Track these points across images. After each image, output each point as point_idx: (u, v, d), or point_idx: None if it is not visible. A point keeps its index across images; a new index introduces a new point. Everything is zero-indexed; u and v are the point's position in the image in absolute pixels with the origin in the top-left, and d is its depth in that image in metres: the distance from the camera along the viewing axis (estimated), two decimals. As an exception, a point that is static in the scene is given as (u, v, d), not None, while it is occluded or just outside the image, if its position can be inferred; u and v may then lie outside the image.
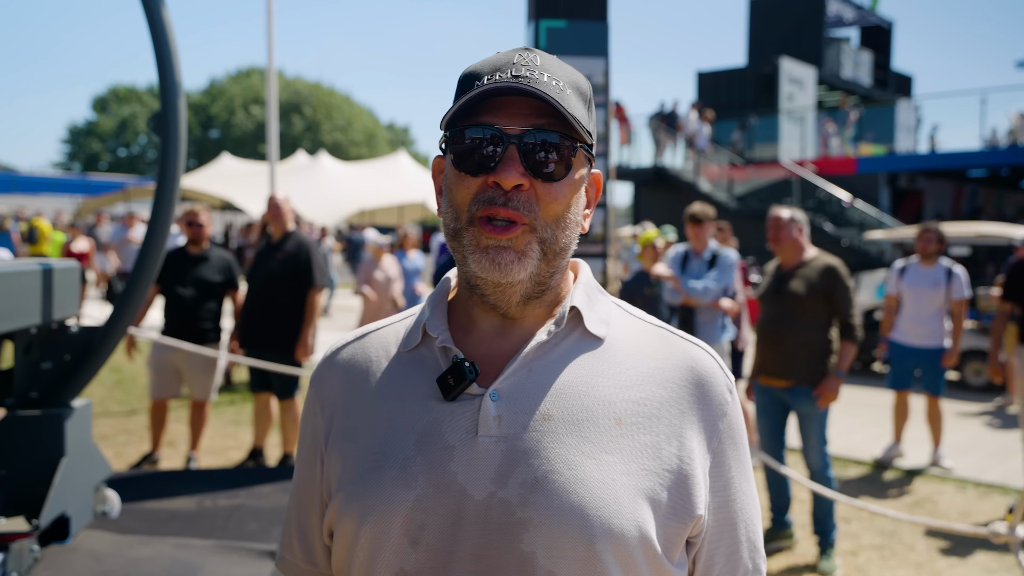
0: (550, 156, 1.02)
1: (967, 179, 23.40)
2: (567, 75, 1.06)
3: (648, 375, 1.06)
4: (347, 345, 1.17)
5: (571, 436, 1.00)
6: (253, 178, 17.12)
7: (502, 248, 1.01)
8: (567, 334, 1.07)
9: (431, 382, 1.05)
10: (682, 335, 1.13)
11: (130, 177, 46.28)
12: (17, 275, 2.45)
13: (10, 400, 2.70)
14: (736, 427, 1.09)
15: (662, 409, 1.04)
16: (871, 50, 28.61)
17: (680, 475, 1.01)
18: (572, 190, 1.05)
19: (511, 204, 1.00)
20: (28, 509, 2.50)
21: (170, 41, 2.81)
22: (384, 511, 0.99)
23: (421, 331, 1.10)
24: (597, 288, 1.14)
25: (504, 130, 1.01)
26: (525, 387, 1.02)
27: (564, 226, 1.05)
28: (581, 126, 1.02)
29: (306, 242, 5.93)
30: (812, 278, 4.57)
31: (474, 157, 1.02)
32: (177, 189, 2.86)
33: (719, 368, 1.10)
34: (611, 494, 0.97)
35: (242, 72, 60.16)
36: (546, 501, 0.96)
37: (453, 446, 1.00)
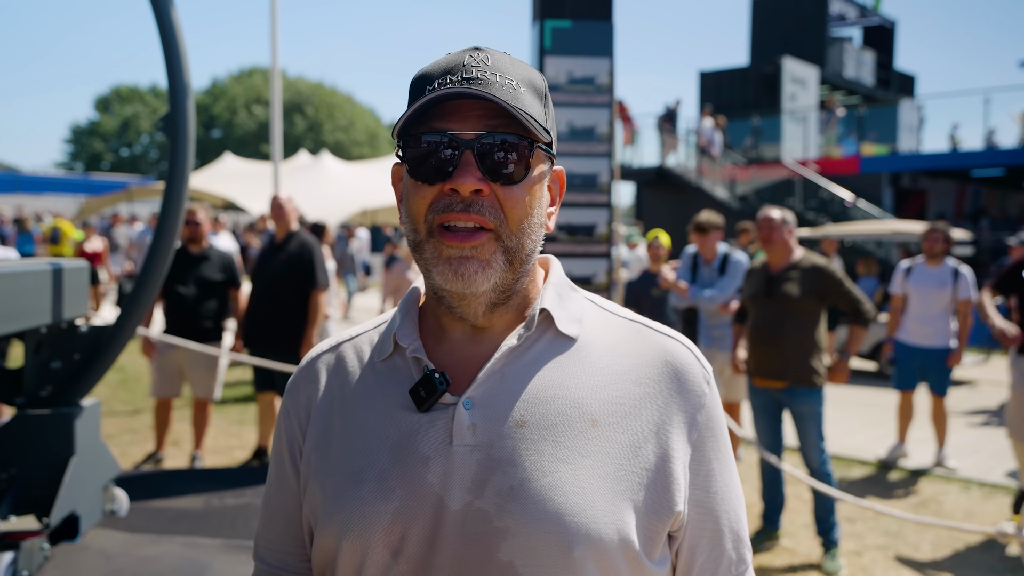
0: (508, 158, 0.99)
1: (970, 179, 23.37)
2: (520, 73, 1.03)
3: (623, 373, 1.05)
4: (323, 354, 1.16)
5: (546, 442, 0.98)
6: (255, 178, 17.12)
7: (465, 258, 0.99)
8: (539, 336, 1.06)
9: (405, 393, 1.04)
10: (657, 328, 1.11)
11: (132, 177, 46.29)
12: (27, 275, 2.46)
13: (20, 399, 2.71)
14: (715, 418, 1.08)
15: (638, 407, 1.03)
16: (874, 50, 28.58)
17: (659, 472, 1.00)
18: (533, 191, 1.03)
19: (473, 208, 0.98)
20: (38, 508, 2.51)
21: (179, 42, 2.82)
22: (363, 525, 0.99)
23: (392, 340, 1.09)
24: (568, 285, 1.13)
25: (458, 135, 0.98)
26: (498, 394, 1.01)
27: (529, 231, 1.03)
28: (537, 124, 1.00)
29: (309, 242, 5.94)
30: (804, 279, 4.59)
31: (429, 164, 0.99)
32: (186, 190, 2.87)
33: (695, 360, 1.09)
34: (587, 499, 0.96)
35: (244, 72, 60.18)
36: (522, 509, 0.95)
37: (429, 456, 0.99)
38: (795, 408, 4.60)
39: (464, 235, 0.98)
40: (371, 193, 17.89)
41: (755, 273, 4.85)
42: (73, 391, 2.75)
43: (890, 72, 29.42)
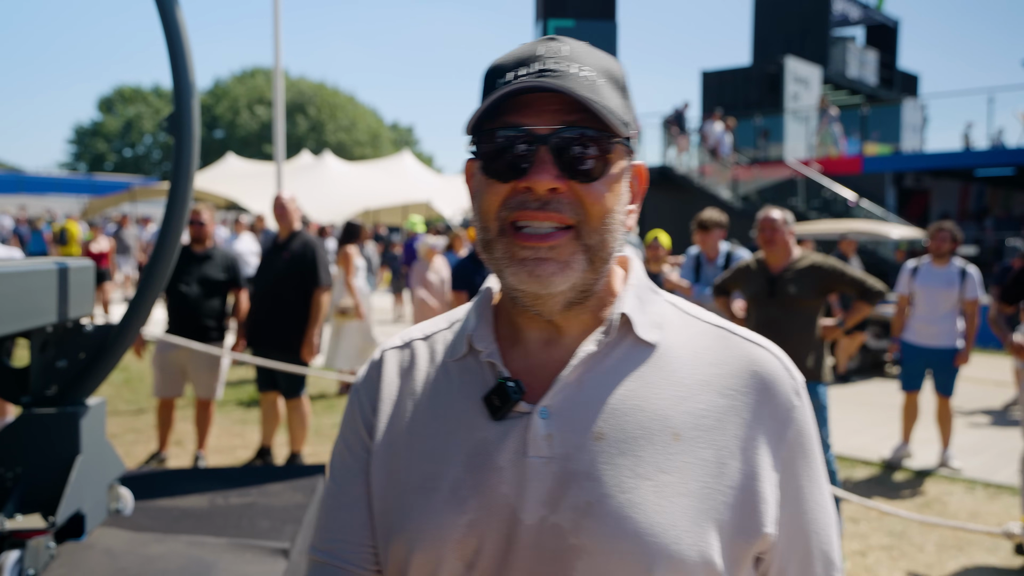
0: (586, 153, 0.93)
1: (974, 179, 23.35)
2: (599, 63, 0.98)
3: (707, 383, 0.98)
4: (394, 349, 1.12)
5: (625, 456, 0.93)
6: (258, 178, 17.17)
7: (541, 259, 0.93)
8: (617, 342, 1.00)
9: (478, 397, 1.00)
10: (744, 334, 1.04)
11: (136, 177, 46.36)
12: (33, 274, 2.46)
13: (26, 398, 2.72)
14: (805, 433, 1.01)
15: (723, 420, 0.96)
16: (877, 49, 28.57)
17: (746, 491, 0.94)
18: (613, 187, 0.97)
19: (551, 207, 0.93)
20: (44, 506, 2.51)
21: (184, 42, 2.82)
22: (436, 537, 0.95)
23: (466, 343, 1.04)
24: (649, 287, 1.07)
25: (533, 130, 0.93)
26: (575, 403, 0.96)
27: (610, 229, 0.97)
28: (617, 118, 0.94)
29: (312, 242, 5.95)
30: (806, 278, 4.62)
31: (502, 161, 0.94)
32: (191, 190, 2.87)
33: (784, 370, 1.02)
34: (669, 518, 0.91)
35: (246, 72, 60.29)
36: (599, 527, 0.90)
37: (503, 467, 0.95)
38: None
39: (541, 236, 0.93)
40: (373, 193, 17.93)
41: (753, 273, 4.85)
42: (79, 390, 2.75)
43: (893, 71, 29.41)
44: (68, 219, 18.84)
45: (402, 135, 68.43)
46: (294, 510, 3.23)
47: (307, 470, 3.86)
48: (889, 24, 29.48)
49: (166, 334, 5.82)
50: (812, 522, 1.01)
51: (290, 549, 2.84)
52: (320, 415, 7.78)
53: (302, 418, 5.96)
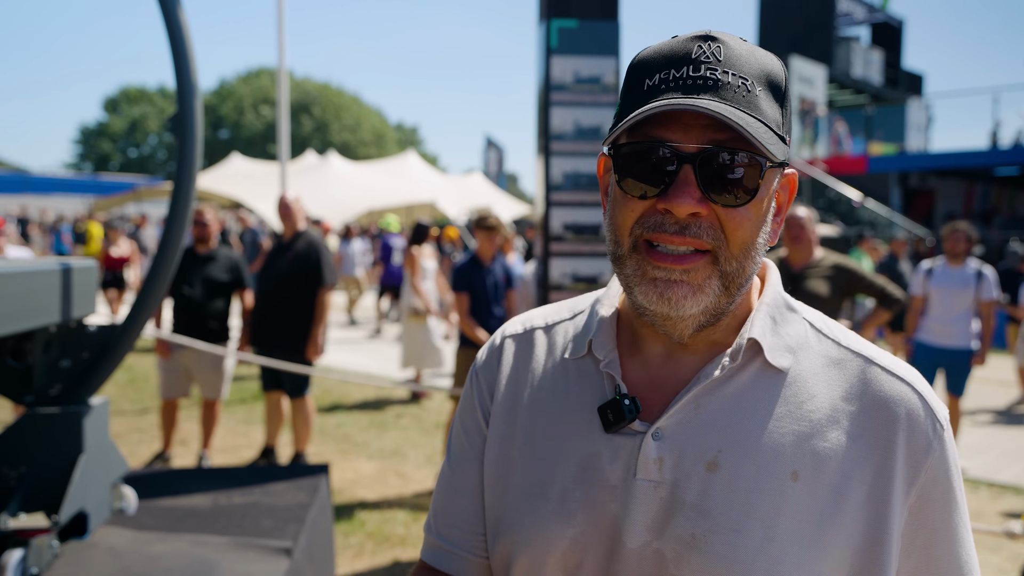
0: (734, 177, 0.86)
1: (979, 178, 23.29)
2: (757, 67, 0.88)
3: (835, 420, 0.91)
4: (514, 337, 1.10)
5: (737, 492, 0.88)
6: (263, 178, 17.17)
7: (673, 282, 0.88)
8: (743, 366, 0.94)
9: (594, 406, 0.96)
10: (887, 366, 0.94)
11: (141, 177, 46.49)
12: (36, 274, 2.48)
13: (29, 398, 2.73)
14: (943, 476, 0.91)
15: (850, 462, 0.89)
16: (881, 49, 28.50)
17: (866, 540, 0.88)
18: (761, 212, 0.90)
19: (689, 232, 0.86)
20: (47, 505, 2.52)
21: (187, 42, 2.83)
22: (541, 545, 0.94)
23: (587, 345, 1.00)
24: (785, 305, 0.99)
25: (678, 147, 0.85)
26: (691, 428, 0.91)
27: (752, 254, 0.90)
28: (774, 134, 0.86)
29: (316, 241, 5.97)
30: (828, 278, 4.63)
31: (642, 176, 0.88)
32: (194, 190, 2.88)
33: (925, 408, 0.92)
34: (776, 565, 0.86)
35: (251, 73, 60.36)
36: (702, 563, 0.87)
37: (614, 486, 0.92)
38: None
39: (676, 257, 0.87)
40: (377, 193, 17.93)
41: None
42: (82, 389, 2.77)
43: (898, 71, 29.33)
44: (90, 220, 18.92)
45: (407, 135, 68.48)
46: (297, 509, 3.24)
47: (310, 470, 3.86)
48: (894, 24, 29.40)
49: (171, 335, 5.84)
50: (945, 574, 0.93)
51: (293, 548, 2.85)
52: (324, 415, 7.80)
53: (306, 418, 5.98)
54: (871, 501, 0.89)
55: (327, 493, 3.75)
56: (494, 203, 20.84)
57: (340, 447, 6.80)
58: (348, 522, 5.06)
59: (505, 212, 19.89)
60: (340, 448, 6.77)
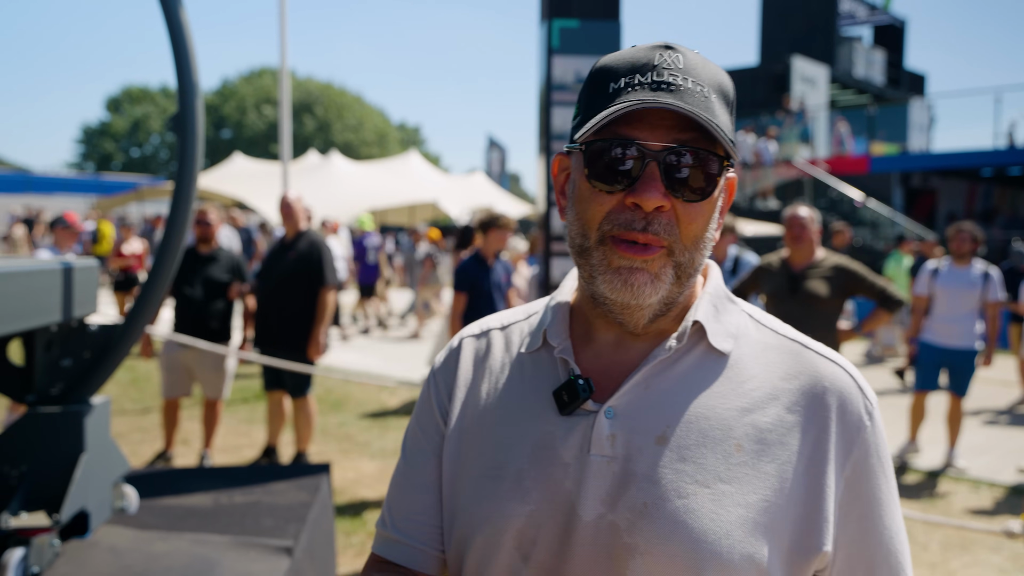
0: (695, 174, 0.94)
1: (981, 178, 23.27)
2: (711, 77, 0.96)
3: (775, 396, 0.98)
4: (472, 337, 1.15)
5: (686, 462, 0.94)
6: (265, 178, 17.19)
7: (636, 269, 0.95)
8: (689, 349, 1.01)
9: (548, 391, 1.02)
10: (819, 349, 1.04)
11: (143, 177, 46.54)
12: (37, 273, 2.48)
13: (31, 397, 2.73)
14: (874, 453, 0.99)
15: (788, 435, 0.96)
16: (884, 48, 28.50)
17: (806, 508, 0.94)
18: (712, 207, 0.98)
19: (651, 228, 0.94)
20: (49, 504, 2.52)
21: (188, 42, 2.84)
22: (497, 523, 0.98)
23: (542, 337, 1.07)
24: (726, 296, 1.07)
25: (645, 145, 0.92)
26: (641, 406, 0.98)
27: (702, 248, 0.98)
28: (727, 139, 0.93)
29: (318, 241, 5.97)
30: (829, 279, 4.62)
31: (611, 172, 0.94)
32: (195, 189, 2.89)
33: (856, 388, 1.01)
34: (723, 527, 0.92)
35: (254, 72, 60.40)
36: (654, 528, 0.92)
37: (568, 463, 0.97)
38: None
39: (639, 248, 0.94)
40: (380, 193, 17.95)
41: (774, 271, 4.85)
42: (83, 389, 2.77)
43: (900, 71, 29.32)
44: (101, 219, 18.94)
45: (409, 135, 68.47)
46: (298, 508, 3.24)
47: (312, 469, 3.87)
48: (896, 24, 29.39)
49: (173, 334, 5.84)
50: (879, 546, 0.99)
51: (294, 547, 2.85)
52: (326, 414, 7.80)
53: (308, 417, 5.98)
54: (809, 471, 0.95)
55: (328, 492, 3.75)
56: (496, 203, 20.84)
57: (342, 446, 6.80)
58: (349, 521, 5.07)
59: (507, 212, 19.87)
60: (342, 447, 6.78)
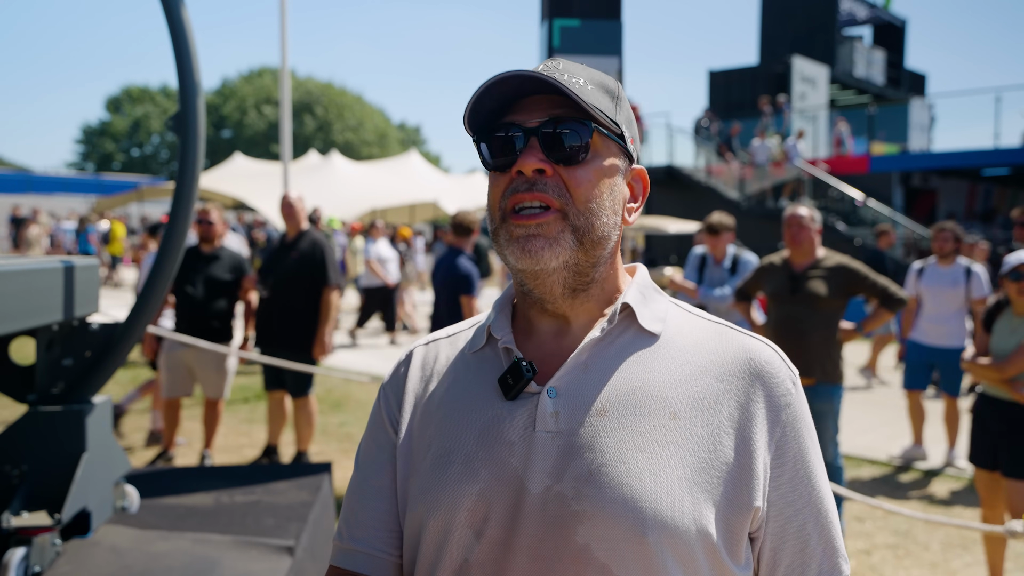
0: (569, 139, 1.03)
1: (981, 178, 23.26)
2: (591, 75, 1.08)
3: (705, 369, 1.06)
4: (421, 347, 1.22)
5: (625, 431, 1.00)
6: (265, 178, 17.18)
7: (532, 235, 1.02)
8: (622, 331, 1.08)
9: (494, 381, 1.08)
10: (742, 331, 1.12)
11: (143, 177, 46.57)
12: (39, 272, 2.48)
13: (32, 396, 2.73)
14: (800, 419, 1.07)
15: (719, 402, 1.03)
16: (884, 48, 28.48)
17: (738, 467, 1.01)
18: (600, 175, 1.06)
19: (536, 188, 1.03)
20: (50, 504, 2.52)
21: (189, 41, 2.84)
22: (448, 505, 1.02)
23: (486, 333, 1.14)
24: (653, 288, 1.15)
25: (523, 124, 1.04)
26: (581, 384, 1.04)
27: (597, 212, 1.05)
28: (600, 113, 1.04)
29: (320, 241, 5.98)
30: (830, 278, 4.61)
31: (500, 154, 1.06)
32: (196, 188, 2.89)
33: (781, 361, 1.09)
34: (663, 487, 0.97)
35: (254, 72, 60.40)
36: (598, 493, 0.97)
37: (513, 441, 1.02)
38: (816, 404, 4.58)
39: (531, 215, 1.02)
40: (380, 193, 17.95)
41: (776, 270, 4.83)
42: (85, 388, 2.77)
43: (900, 71, 29.31)
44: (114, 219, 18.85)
45: (409, 135, 68.48)
46: (299, 508, 3.24)
47: (313, 468, 3.87)
48: (896, 23, 29.38)
49: (173, 333, 5.84)
50: (807, 504, 1.05)
51: (295, 547, 2.85)
52: (326, 414, 7.80)
53: (309, 417, 5.98)
54: (740, 433, 1.02)
55: (329, 492, 3.75)
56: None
57: (343, 446, 6.80)
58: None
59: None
60: (343, 447, 6.77)
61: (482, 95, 1.04)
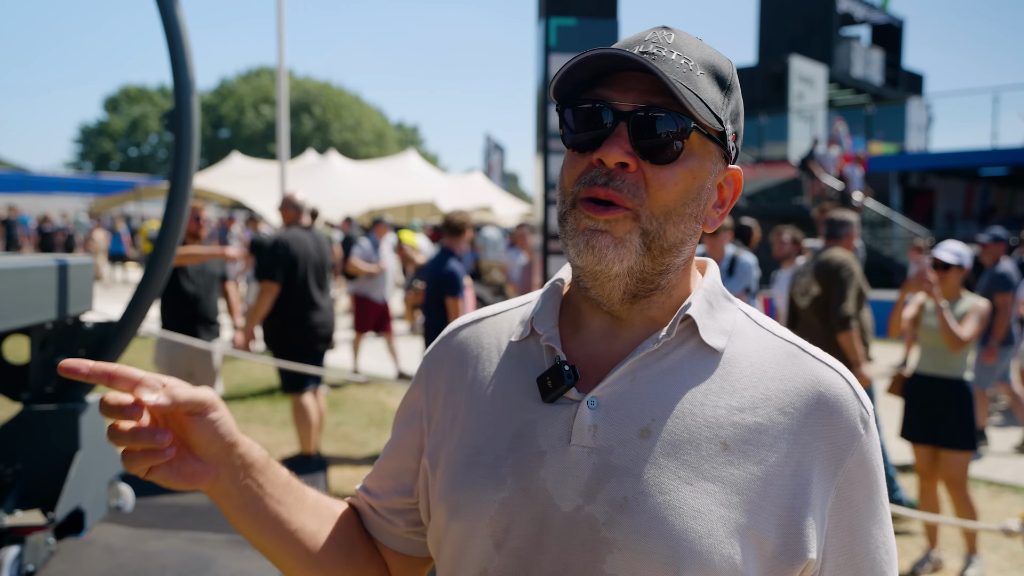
0: (662, 136, 0.92)
1: (979, 178, 23.27)
2: (702, 55, 0.96)
3: (767, 397, 0.95)
4: (464, 327, 1.14)
5: (669, 458, 0.91)
6: (263, 177, 17.18)
7: (599, 231, 0.92)
8: (680, 343, 0.98)
9: (533, 379, 1.00)
10: (816, 354, 1.00)
11: (141, 176, 46.51)
12: (33, 271, 2.47)
13: (26, 395, 2.72)
14: (868, 464, 0.96)
15: (779, 438, 0.93)
16: (882, 48, 28.47)
17: (792, 513, 0.91)
18: (689, 178, 0.94)
19: (613, 184, 0.92)
20: (44, 502, 2.51)
21: (184, 39, 2.83)
22: (472, 509, 0.96)
23: (530, 325, 1.04)
24: (723, 293, 1.04)
25: (615, 105, 0.93)
26: (626, 398, 0.95)
27: (675, 219, 0.94)
28: (705, 108, 0.92)
29: (323, 238, 6.14)
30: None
31: (583, 133, 0.95)
32: (191, 186, 2.88)
33: (853, 395, 0.97)
34: (705, 526, 0.88)
35: (252, 72, 60.35)
36: (633, 523, 0.89)
37: (544, 452, 0.95)
38: None
39: (601, 207, 0.92)
40: (378, 192, 17.94)
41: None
42: (79, 387, 2.76)
43: (898, 71, 29.31)
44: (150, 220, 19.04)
45: (407, 134, 68.44)
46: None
47: (308, 468, 3.87)
48: (894, 23, 29.37)
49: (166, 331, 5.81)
50: (866, 557, 0.96)
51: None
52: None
53: (305, 415, 5.99)
54: (798, 476, 0.92)
55: (325, 491, 3.75)
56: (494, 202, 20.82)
57: (339, 446, 6.79)
58: (346, 520, 5.05)
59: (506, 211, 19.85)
60: (339, 447, 6.77)
61: (575, 67, 0.94)
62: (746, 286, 6.10)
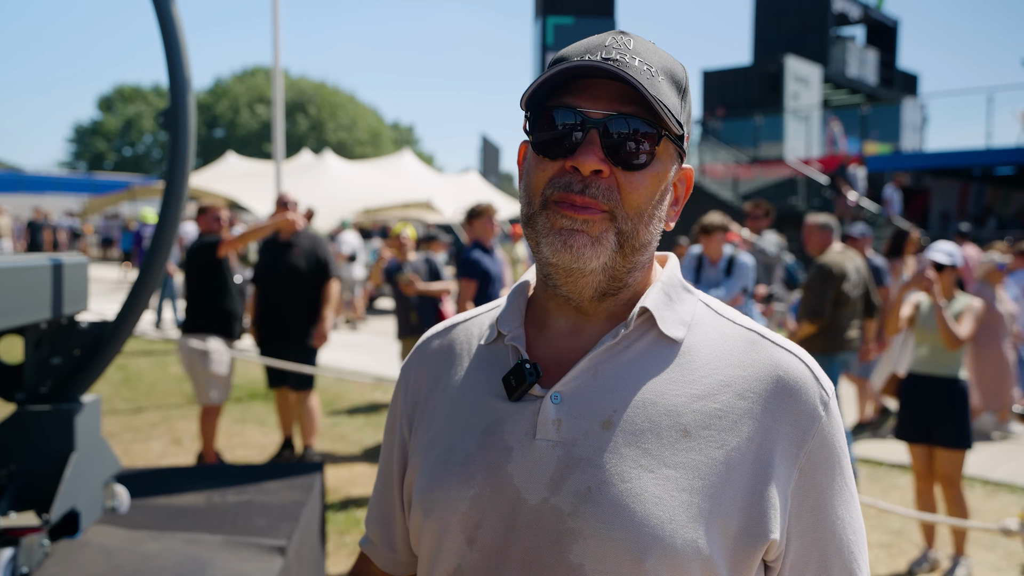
0: (633, 143, 0.95)
1: (973, 178, 23.33)
2: (661, 61, 0.99)
3: (727, 384, 0.97)
4: (437, 335, 1.18)
5: (630, 447, 0.94)
6: (258, 177, 17.14)
7: (576, 231, 0.95)
8: (640, 336, 1.01)
9: (499, 380, 1.03)
10: (776, 340, 1.02)
11: (135, 176, 46.39)
12: (27, 270, 2.45)
13: (20, 395, 2.70)
14: (830, 445, 0.98)
15: (739, 422, 0.95)
16: (877, 48, 28.56)
17: (753, 495, 0.93)
18: (656, 181, 0.98)
19: (589, 191, 0.95)
20: (38, 504, 2.49)
21: (180, 37, 2.81)
22: (445, 507, 0.99)
23: (496, 328, 1.08)
24: (681, 285, 1.06)
25: (586, 113, 0.95)
26: (588, 391, 0.98)
27: (646, 220, 0.98)
28: (670, 115, 0.95)
29: (319, 237, 6.20)
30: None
31: (554, 140, 0.97)
32: (186, 185, 2.86)
33: (812, 378, 0.99)
34: (667, 512, 0.91)
35: (247, 71, 60.25)
36: (596, 512, 0.91)
37: (512, 447, 0.97)
38: None
39: (579, 208, 0.95)
40: (373, 192, 17.91)
41: None
42: (73, 387, 2.74)
43: (893, 71, 29.40)
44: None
45: (403, 134, 68.38)
46: (291, 508, 3.22)
47: (305, 468, 3.84)
48: (889, 24, 29.46)
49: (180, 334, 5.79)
50: (832, 536, 0.98)
51: (286, 547, 2.83)
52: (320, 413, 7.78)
53: (311, 410, 6.09)
54: (759, 459, 0.94)
55: (321, 492, 3.73)
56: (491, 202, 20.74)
57: (335, 445, 6.78)
58: (343, 521, 5.05)
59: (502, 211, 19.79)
60: (336, 446, 6.75)
61: (549, 78, 0.97)
62: (744, 286, 6.06)
